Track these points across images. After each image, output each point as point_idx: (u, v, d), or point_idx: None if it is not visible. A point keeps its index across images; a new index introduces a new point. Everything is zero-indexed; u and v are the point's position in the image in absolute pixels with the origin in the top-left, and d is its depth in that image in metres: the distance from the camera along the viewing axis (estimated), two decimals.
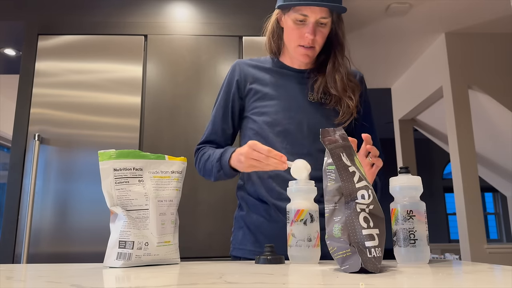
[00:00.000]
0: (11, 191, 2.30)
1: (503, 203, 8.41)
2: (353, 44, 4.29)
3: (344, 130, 0.85)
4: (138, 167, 0.93)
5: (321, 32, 1.17)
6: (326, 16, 1.15)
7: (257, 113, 1.21)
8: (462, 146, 3.62)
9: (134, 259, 0.86)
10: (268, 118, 1.19)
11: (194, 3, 2.66)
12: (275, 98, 1.20)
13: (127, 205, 0.90)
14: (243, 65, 1.27)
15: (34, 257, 2.20)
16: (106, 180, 0.90)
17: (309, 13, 1.14)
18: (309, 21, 1.15)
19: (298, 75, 1.24)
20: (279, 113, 1.18)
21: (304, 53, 1.19)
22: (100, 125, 2.40)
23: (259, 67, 1.27)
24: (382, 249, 0.70)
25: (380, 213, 0.74)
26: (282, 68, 1.26)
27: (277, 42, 1.28)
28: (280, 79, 1.24)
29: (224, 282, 0.58)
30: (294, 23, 1.17)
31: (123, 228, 0.88)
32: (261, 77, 1.25)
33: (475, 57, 3.78)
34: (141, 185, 0.92)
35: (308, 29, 1.15)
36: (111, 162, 0.90)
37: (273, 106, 1.19)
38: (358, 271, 0.67)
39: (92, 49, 2.52)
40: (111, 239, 0.88)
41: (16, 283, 0.62)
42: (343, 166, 0.75)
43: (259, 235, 1.16)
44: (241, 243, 1.19)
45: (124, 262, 0.85)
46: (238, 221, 1.23)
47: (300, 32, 1.16)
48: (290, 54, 1.25)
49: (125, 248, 0.86)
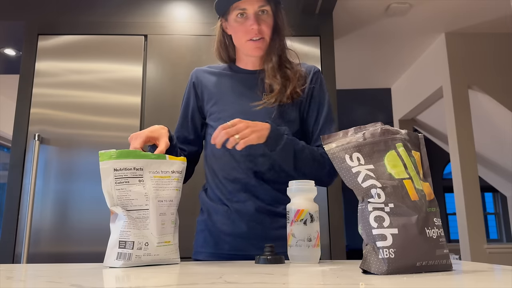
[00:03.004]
0: (11, 191, 2.30)
1: (503, 203, 8.41)
2: (353, 44, 4.29)
3: (376, 127, 0.80)
4: (138, 167, 0.92)
5: (265, 22, 1.19)
6: (263, 4, 1.18)
7: (214, 118, 1.23)
8: (462, 146, 3.62)
9: (134, 259, 0.86)
10: (224, 123, 1.19)
11: (194, 3, 2.66)
12: (230, 102, 1.22)
13: (127, 205, 0.90)
14: (199, 72, 1.31)
15: (34, 257, 2.20)
16: (106, 180, 0.90)
17: (247, 6, 1.17)
18: (249, 14, 1.17)
19: (252, 76, 1.25)
20: (234, 117, 1.16)
21: (254, 46, 1.20)
22: (100, 125, 2.40)
23: (215, 73, 1.29)
24: (402, 250, 0.66)
25: (406, 212, 0.69)
26: (236, 72, 1.28)
27: (226, 51, 1.30)
28: (234, 83, 1.26)
29: (224, 282, 0.58)
30: (236, 21, 1.19)
31: (123, 228, 0.87)
32: (216, 82, 1.27)
33: (475, 57, 3.77)
34: (141, 185, 0.91)
35: (250, 20, 1.17)
36: (111, 162, 0.90)
37: (228, 110, 1.21)
38: (362, 271, 0.67)
39: (92, 49, 2.52)
40: (111, 239, 0.88)
41: (16, 283, 0.62)
42: (346, 168, 0.74)
43: (220, 237, 1.17)
44: (202, 246, 1.20)
45: (124, 262, 0.85)
46: (199, 225, 1.25)
47: (244, 27, 1.18)
48: (243, 56, 1.27)
49: (125, 248, 0.86)
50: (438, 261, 0.69)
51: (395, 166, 0.74)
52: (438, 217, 0.73)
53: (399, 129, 0.80)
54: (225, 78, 1.27)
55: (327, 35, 2.66)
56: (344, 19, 3.45)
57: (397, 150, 0.76)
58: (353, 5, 3.26)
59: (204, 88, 1.27)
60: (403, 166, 0.74)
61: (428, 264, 0.67)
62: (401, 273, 0.64)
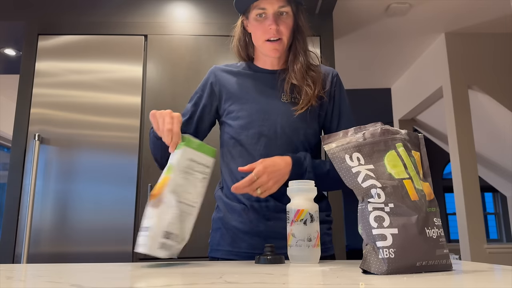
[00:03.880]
0: (11, 191, 2.30)
1: (503, 203, 8.41)
2: (353, 44, 4.29)
3: (376, 127, 0.80)
4: (208, 165, 0.95)
5: (284, 23, 1.19)
6: (284, 5, 1.18)
7: (232, 117, 1.23)
8: (462, 146, 3.62)
9: (175, 252, 0.86)
10: (242, 122, 1.20)
11: (194, 3, 2.67)
12: (249, 101, 1.22)
13: (181, 196, 0.90)
14: (218, 71, 1.30)
15: (34, 257, 2.20)
16: (180, 163, 0.91)
17: (267, 5, 1.17)
18: (268, 14, 1.17)
19: (271, 76, 1.26)
20: (252, 116, 1.19)
21: (272, 47, 1.20)
22: (100, 125, 2.40)
23: (233, 72, 1.29)
24: (402, 250, 0.66)
25: (406, 212, 0.69)
26: (255, 71, 1.28)
27: (245, 48, 1.30)
28: (253, 82, 1.26)
29: (224, 282, 0.58)
30: (255, 20, 1.19)
31: (172, 220, 0.87)
32: (235, 81, 1.27)
33: (475, 57, 3.77)
34: (202, 184, 0.94)
35: (269, 20, 1.17)
36: (191, 150, 0.93)
37: (247, 110, 1.21)
38: (362, 271, 0.67)
39: (92, 49, 2.52)
40: (153, 225, 0.85)
41: (16, 283, 0.62)
42: (346, 168, 0.74)
43: (237, 235, 1.17)
44: (218, 244, 1.21)
45: (168, 253, 0.85)
46: (215, 223, 1.25)
47: (263, 26, 1.18)
48: (262, 56, 1.27)
49: (169, 239, 0.86)
50: (438, 261, 0.69)
51: (395, 166, 0.74)
52: (438, 217, 0.73)
53: (399, 129, 0.81)
54: (245, 77, 1.27)
55: (327, 35, 2.66)
56: (344, 19, 3.45)
57: (397, 150, 0.76)
58: (353, 5, 3.26)
59: (223, 87, 1.26)
60: (403, 166, 0.74)
61: (428, 264, 0.67)
62: (401, 273, 0.65)
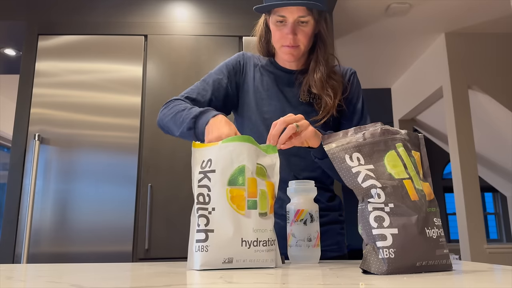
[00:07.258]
0: (11, 191, 2.30)
1: (503, 203, 8.40)
2: (353, 44, 4.29)
3: (376, 127, 0.80)
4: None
5: (303, 31, 1.18)
6: (304, 15, 1.16)
7: (253, 111, 1.24)
8: (462, 146, 3.62)
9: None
10: (262, 118, 1.22)
11: (194, 3, 2.67)
12: (271, 98, 1.23)
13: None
14: (249, 58, 1.31)
15: (34, 257, 2.20)
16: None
17: (287, 14, 1.16)
18: (288, 21, 1.16)
19: (290, 76, 1.27)
20: (273, 113, 1.20)
21: (288, 52, 1.20)
22: (100, 125, 2.40)
23: (258, 65, 1.30)
24: (402, 250, 0.66)
25: (406, 212, 0.69)
26: (276, 68, 1.29)
27: (266, 45, 1.31)
28: (274, 80, 1.27)
29: (224, 282, 0.58)
30: (275, 25, 1.19)
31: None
32: (257, 76, 1.28)
33: (475, 57, 3.77)
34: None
35: (287, 29, 1.16)
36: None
37: (269, 106, 1.22)
38: (362, 271, 0.67)
39: (92, 49, 2.52)
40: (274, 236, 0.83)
41: (16, 283, 0.62)
42: (346, 168, 0.74)
43: None
44: None
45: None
46: None
47: (281, 32, 1.18)
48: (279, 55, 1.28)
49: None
50: (438, 261, 0.69)
51: (395, 166, 0.74)
52: (438, 217, 0.73)
53: (399, 129, 0.81)
54: (266, 73, 1.28)
55: None
56: (344, 19, 3.45)
57: (397, 150, 0.76)
58: (353, 5, 3.26)
59: (246, 75, 1.28)
60: (403, 166, 0.74)
61: (428, 264, 0.67)
62: (401, 273, 0.64)
